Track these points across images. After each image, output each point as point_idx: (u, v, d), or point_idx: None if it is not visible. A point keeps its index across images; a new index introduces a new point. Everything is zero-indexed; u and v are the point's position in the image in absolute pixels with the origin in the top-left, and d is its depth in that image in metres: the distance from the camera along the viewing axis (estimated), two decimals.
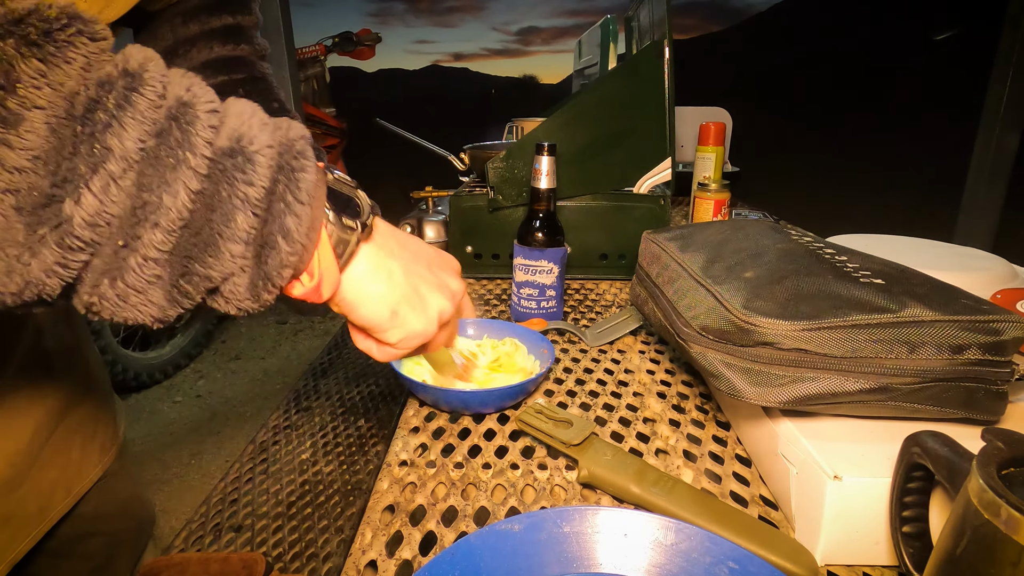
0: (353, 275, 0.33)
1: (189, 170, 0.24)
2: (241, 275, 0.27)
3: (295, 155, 0.28)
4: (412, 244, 0.39)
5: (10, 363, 0.52)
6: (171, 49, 0.58)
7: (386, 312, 0.35)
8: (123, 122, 0.22)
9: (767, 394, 0.39)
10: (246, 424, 2.25)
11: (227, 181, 0.25)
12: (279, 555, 0.41)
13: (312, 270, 0.30)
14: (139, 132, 0.23)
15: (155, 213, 0.24)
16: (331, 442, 0.54)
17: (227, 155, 0.26)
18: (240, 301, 0.28)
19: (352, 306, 0.34)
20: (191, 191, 0.24)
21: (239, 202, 0.25)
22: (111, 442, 0.64)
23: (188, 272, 0.25)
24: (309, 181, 0.28)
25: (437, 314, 0.38)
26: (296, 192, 0.27)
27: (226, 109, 0.27)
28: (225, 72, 0.60)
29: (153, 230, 0.24)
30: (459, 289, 0.41)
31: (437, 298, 0.38)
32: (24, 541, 0.53)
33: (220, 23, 0.58)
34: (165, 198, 0.24)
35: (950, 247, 0.76)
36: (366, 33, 3.52)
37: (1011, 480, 0.23)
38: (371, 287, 0.34)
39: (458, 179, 1.12)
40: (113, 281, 0.24)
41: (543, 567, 0.33)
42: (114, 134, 0.22)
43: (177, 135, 0.24)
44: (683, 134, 1.59)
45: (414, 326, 0.36)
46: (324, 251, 0.30)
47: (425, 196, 1.10)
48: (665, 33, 0.85)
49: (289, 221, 0.27)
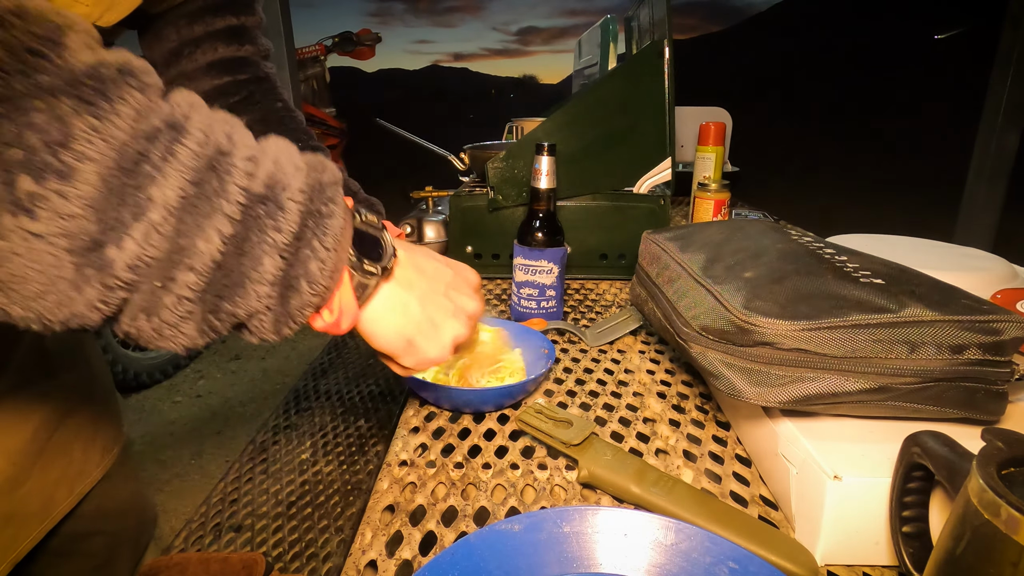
0: (371, 311, 0.35)
1: (223, 216, 0.26)
2: (266, 313, 0.29)
3: (325, 201, 0.30)
4: (430, 269, 0.40)
5: (12, 362, 0.52)
6: (176, 50, 0.59)
7: (402, 343, 0.37)
8: (166, 173, 0.24)
9: (767, 394, 0.39)
10: (246, 424, 2.25)
11: (258, 227, 0.27)
12: (279, 555, 0.41)
13: (332, 307, 0.32)
14: (180, 182, 0.25)
15: (190, 257, 0.25)
16: (331, 442, 0.54)
17: (260, 201, 0.27)
18: (264, 334, 0.30)
19: (370, 336, 0.37)
20: (224, 236, 0.26)
21: (268, 247, 0.27)
22: (113, 441, 0.65)
23: (217, 309, 0.27)
24: (336, 227, 0.30)
25: (451, 340, 0.40)
26: (322, 238, 0.29)
27: (263, 153, 0.28)
28: (230, 73, 0.61)
29: (187, 272, 0.25)
30: (475, 310, 0.42)
31: (452, 325, 0.40)
32: (27, 540, 0.54)
33: (224, 24, 0.59)
34: (199, 243, 0.25)
35: (950, 247, 0.76)
36: (366, 33, 3.52)
37: (1011, 480, 0.23)
38: (388, 321, 0.36)
39: (458, 179, 1.12)
40: (149, 317, 0.26)
41: (543, 567, 0.33)
42: (157, 185, 0.24)
43: (215, 184, 0.26)
44: (683, 134, 1.59)
45: (428, 354, 0.39)
46: (345, 291, 0.32)
47: (425, 196, 1.10)
48: (665, 33, 0.85)
49: (313, 266, 0.29)
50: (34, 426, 0.54)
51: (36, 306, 0.23)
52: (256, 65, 0.63)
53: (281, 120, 0.64)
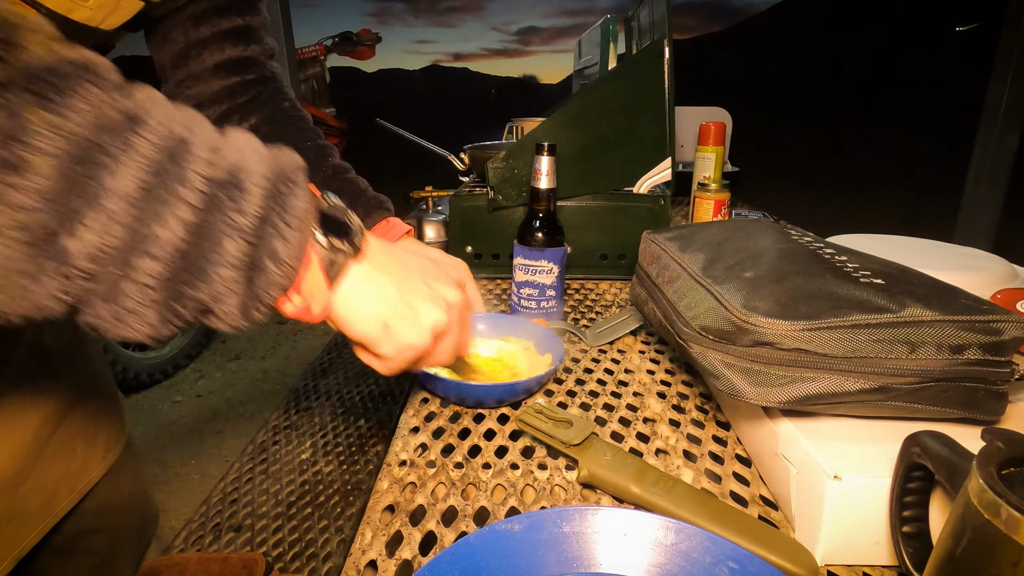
0: (343, 293, 0.34)
1: (183, 203, 0.26)
2: (232, 296, 0.28)
3: (286, 182, 0.30)
4: (406, 257, 0.40)
5: (12, 360, 0.52)
6: (183, 52, 0.59)
7: (377, 327, 0.36)
8: (123, 163, 0.24)
9: (767, 394, 0.39)
10: (246, 424, 2.25)
11: (219, 210, 0.27)
12: (279, 555, 0.41)
13: (301, 289, 0.32)
14: (137, 172, 0.25)
15: (149, 244, 0.25)
16: (331, 442, 0.54)
17: (220, 187, 0.27)
18: (231, 319, 0.29)
19: (344, 322, 0.35)
20: (185, 223, 0.26)
21: (229, 230, 0.27)
22: (115, 439, 0.65)
23: (180, 295, 0.27)
24: (299, 207, 0.30)
25: (431, 326, 0.38)
26: (285, 216, 0.29)
27: (226, 143, 0.29)
28: (237, 73, 0.61)
29: (147, 259, 0.26)
30: (456, 300, 0.41)
31: (430, 310, 0.39)
32: (29, 537, 0.54)
33: (230, 24, 0.59)
34: (157, 230, 0.25)
35: (950, 247, 0.76)
36: (366, 33, 3.52)
37: (1011, 480, 0.23)
38: (361, 303, 0.35)
39: (458, 179, 1.12)
40: (110, 305, 0.26)
41: (543, 567, 0.33)
42: (114, 175, 0.24)
43: (174, 172, 0.26)
44: (683, 134, 1.59)
45: (407, 339, 0.37)
46: (313, 272, 0.32)
47: (425, 196, 1.10)
48: (665, 33, 0.85)
49: (277, 244, 0.29)
50: (36, 424, 0.54)
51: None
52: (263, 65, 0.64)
53: (289, 119, 0.64)
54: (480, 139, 1.19)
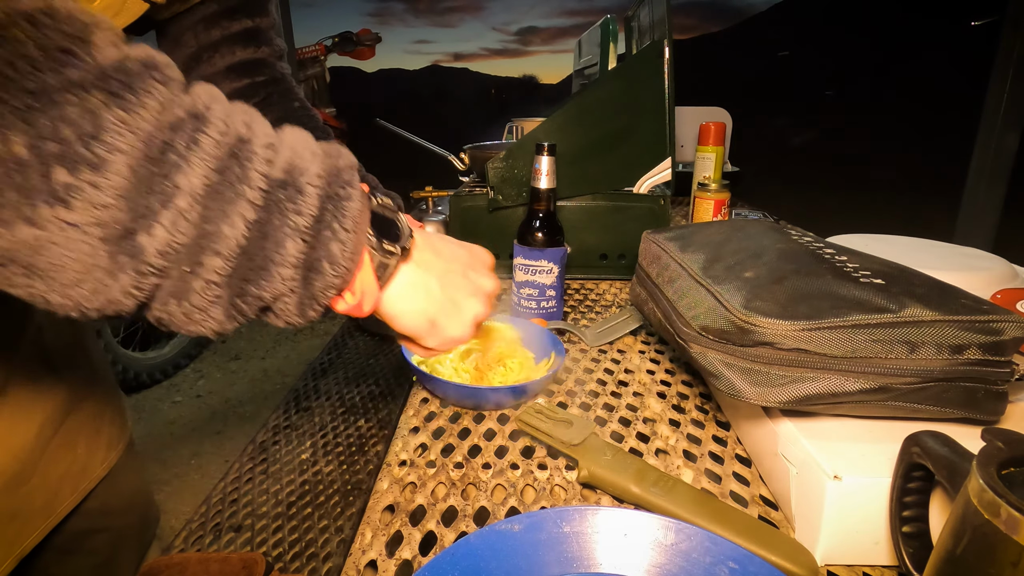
0: (392, 292, 0.36)
1: (246, 202, 0.27)
2: (290, 296, 0.29)
3: (342, 184, 0.30)
4: (447, 250, 0.41)
5: (13, 359, 0.52)
6: (195, 55, 0.60)
7: (424, 323, 0.38)
8: (190, 161, 0.25)
9: (767, 394, 0.39)
10: (246, 424, 2.25)
11: (279, 211, 0.28)
12: (279, 555, 0.41)
13: (354, 289, 0.32)
14: (204, 170, 0.25)
15: (216, 242, 0.26)
16: (331, 442, 0.54)
17: (280, 187, 0.28)
18: (289, 317, 0.30)
19: (393, 318, 0.37)
20: (247, 221, 0.27)
21: (290, 230, 0.28)
22: (118, 438, 0.65)
23: (244, 293, 0.28)
24: (354, 209, 0.30)
25: (472, 319, 0.40)
26: (342, 220, 0.30)
27: (281, 140, 0.29)
28: (248, 75, 0.62)
29: (214, 257, 0.26)
30: (493, 288, 0.43)
31: (472, 304, 0.40)
32: (31, 536, 0.54)
33: (240, 27, 0.60)
34: (224, 228, 0.26)
35: (950, 247, 0.76)
36: (366, 33, 3.52)
37: (1011, 480, 0.23)
38: (409, 302, 0.37)
39: (458, 179, 1.12)
40: (180, 301, 0.27)
41: (543, 567, 0.33)
42: (183, 173, 0.25)
43: (237, 171, 0.27)
44: (683, 134, 1.59)
45: (451, 333, 0.39)
46: (366, 273, 0.33)
47: (425, 196, 1.10)
48: (665, 33, 0.85)
49: (334, 247, 0.29)
50: (38, 423, 0.54)
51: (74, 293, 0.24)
52: (272, 66, 0.64)
53: (299, 120, 0.65)
54: (480, 139, 1.19)
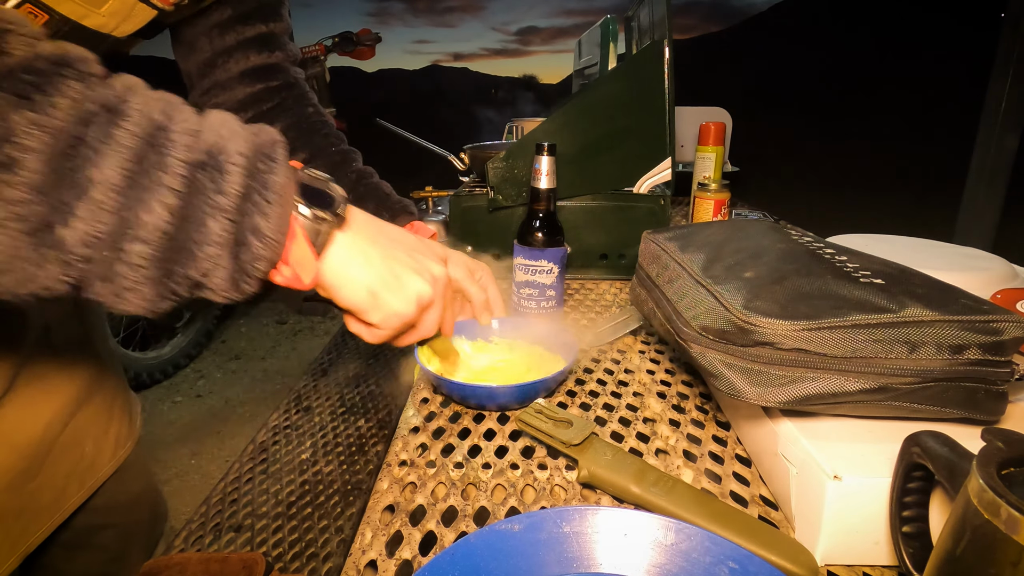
0: (331, 261, 0.36)
1: (165, 188, 0.27)
2: (220, 271, 0.30)
3: (264, 159, 0.31)
4: (393, 232, 0.41)
5: (18, 359, 0.53)
6: (210, 61, 0.60)
7: (364, 293, 0.37)
8: (104, 154, 0.26)
9: (767, 394, 0.39)
10: (246, 424, 2.24)
11: (200, 192, 0.29)
12: (279, 555, 0.41)
13: (288, 260, 0.33)
14: (119, 161, 0.26)
15: (136, 229, 0.27)
16: (331, 442, 0.54)
17: (200, 168, 0.29)
18: (223, 292, 0.31)
19: (334, 289, 0.37)
20: (168, 206, 0.28)
21: (211, 210, 0.29)
22: (126, 436, 0.65)
23: (172, 272, 0.29)
24: (277, 182, 0.31)
25: (416, 296, 0.40)
26: (264, 193, 0.30)
27: (203, 124, 0.30)
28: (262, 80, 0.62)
29: (136, 243, 0.27)
30: (440, 273, 0.42)
31: (416, 281, 0.40)
32: (37, 533, 0.54)
33: (254, 32, 0.60)
34: (143, 215, 0.27)
35: (950, 247, 0.76)
36: (366, 33, 3.51)
37: (1011, 480, 0.23)
38: (349, 271, 0.37)
39: (458, 179, 1.12)
40: (107, 283, 0.28)
41: (543, 567, 0.33)
42: (96, 166, 0.26)
43: (154, 158, 0.27)
44: (683, 134, 1.59)
45: (393, 306, 0.39)
46: (299, 243, 0.33)
47: (425, 196, 1.10)
48: (665, 33, 0.85)
49: (258, 220, 0.30)
50: (44, 421, 0.54)
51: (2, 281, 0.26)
52: (286, 71, 0.65)
53: (313, 125, 0.65)
54: (480, 139, 1.19)
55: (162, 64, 0.77)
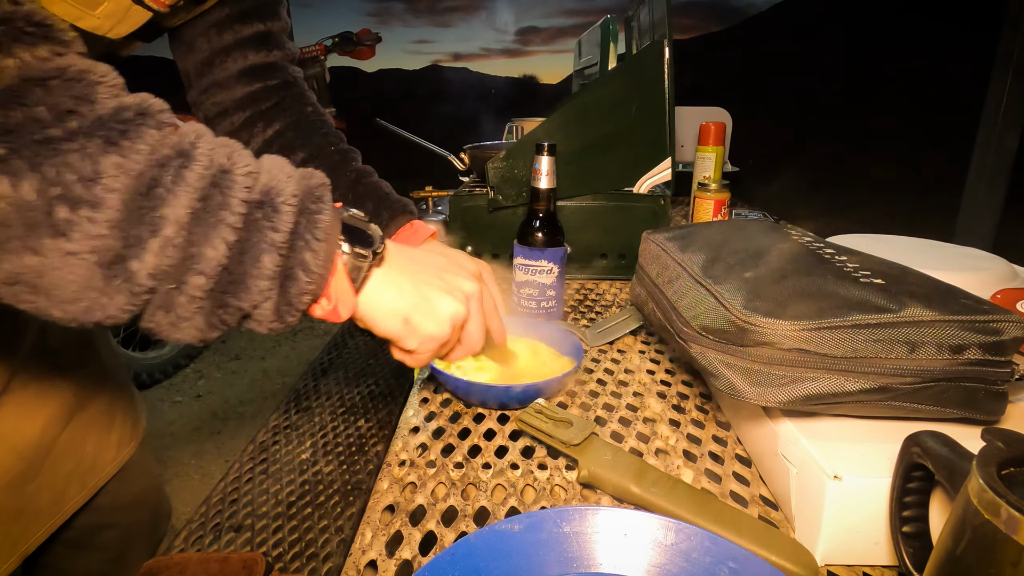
0: (367, 296, 0.37)
1: (227, 226, 0.30)
2: (268, 303, 0.32)
3: (314, 200, 0.33)
4: (422, 257, 0.42)
5: (14, 360, 0.52)
6: (208, 60, 0.60)
7: (398, 322, 0.39)
8: (176, 194, 0.28)
9: (767, 394, 0.39)
10: (246, 424, 2.25)
11: (257, 230, 0.31)
12: (279, 555, 0.41)
13: (329, 295, 0.35)
14: (188, 200, 0.29)
15: (199, 263, 0.29)
16: (331, 442, 0.54)
17: (258, 208, 0.31)
18: (269, 323, 0.33)
19: (370, 321, 0.38)
20: (228, 242, 0.30)
21: (266, 246, 0.31)
22: (130, 436, 0.65)
23: (225, 304, 0.31)
24: (325, 221, 0.33)
25: (449, 317, 0.40)
26: (314, 231, 0.33)
27: (260, 167, 0.33)
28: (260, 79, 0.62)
29: (198, 276, 0.29)
30: (472, 290, 0.43)
31: (447, 302, 0.40)
32: (37, 533, 0.54)
33: (252, 31, 0.61)
34: (207, 251, 0.29)
35: (950, 247, 0.76)
36: (366, 33, 3.51)
37: (1011, 480, 0.23)
38: (383, 303, 0.38)
39: (458, 179, 1.12)
40: (166, 313, 0.30)
41: (543, 567, 0.33)
42: (169, 205, 0.28)
43: (219, 199, 0.30)
44: (683, 134, 1.59)
45: (427, 330, 0.40)
46: (339, 278, 0.35)
47: (425, 196, 1.10)
48: (665, 33, 0.85)
49: (307, 256, 0.32)
50: (43, 422, 0.54)
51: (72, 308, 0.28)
52: (285, 70, 0.64)
53: (313, 124, 0.65)
54: (480, 139, 1.19)
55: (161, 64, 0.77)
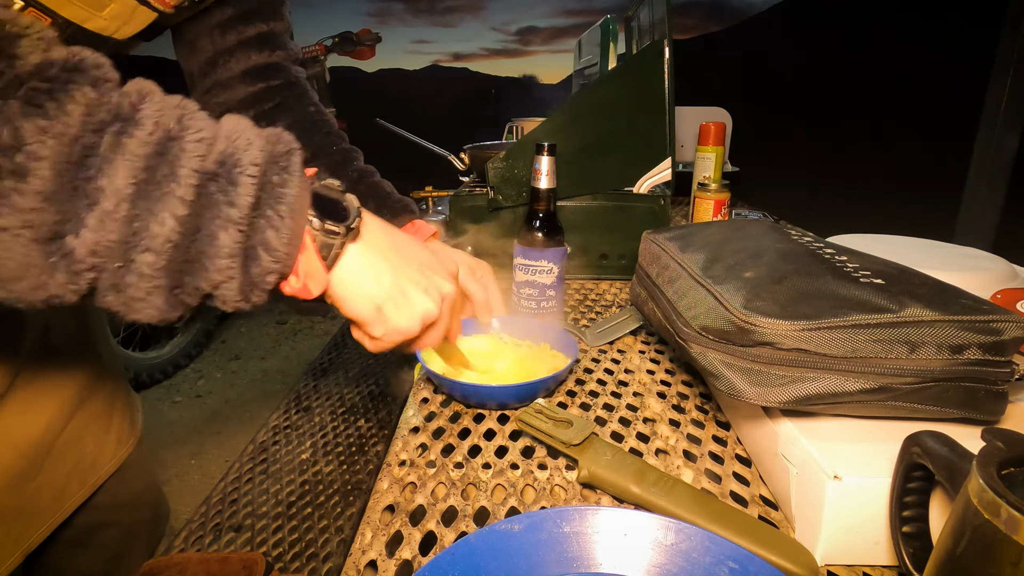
0: (341, 273, 0.35)
1: (175, 199, 0.27)
2: (230, 282, 0.30)
3: (278, 171, 0.30)
4: (406, 246, 0.41)
5: (17, 359, 0.53)
6: (211, 60, 0.60)
7: (371, 308, 0.37)
8: (115, 164, 0.26)
9: (767, 394, 0.39)
10: (246, 424, 2.25)
11: (212, 204, 0.28)
12: (279, 555, 0.41)
13: (298, 272, 0.32)
14: (129, 170, 0.26)
15: (146, 239, 0.27)
16: (331, 442, 0.54)
17: (211, 179, 0.28)
18: (233, 303, 0.31)
19: (341, 300, 0.37)
20: (178, 217, 0.27)
21: (222, 222, 0.28)
22: (128, 435, 0.65)
23: (182, 284, 0.29)
24: (290, 195, 0.30)
25: (421, 314, 0.40)
26: (277, 207, 0.30)
27: (216, 132, 0.29)
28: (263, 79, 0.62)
29: (145, 253, 0.27)
30: (449, 291, 0.42)
31: (423, 300, 0.40)
32: (38, 532, 0.54)
33: (255, 31, 0.61)
34: (153, 226, 0.27)
35: (950, 247, 0.76)
36: (366, 33, 3.51)
37: (1011, 480, 0.23)
38: (358, 285, 0.36)
39: (458, 179, 1.12)
40: (118, 292, 0.28)
41: (543, 567, 0.33)
42: (107, 176, 0.25)
43: (164, 169, 0.27)
44: (683, 134, 1.59)
45: (397, 323, 0.39)
46: (309, 255, 0.33)
47: (425, 196, 1.10)
48: (665, 33, 0.85)
49: (270, 234, 0.30)
50: (44, 421, 0.54)
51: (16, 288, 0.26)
52: (287, 70, 0.65)
53: (315, 123, 0.65)
54: (480, 139, 1.19)
55: (162, 64, 0.77)
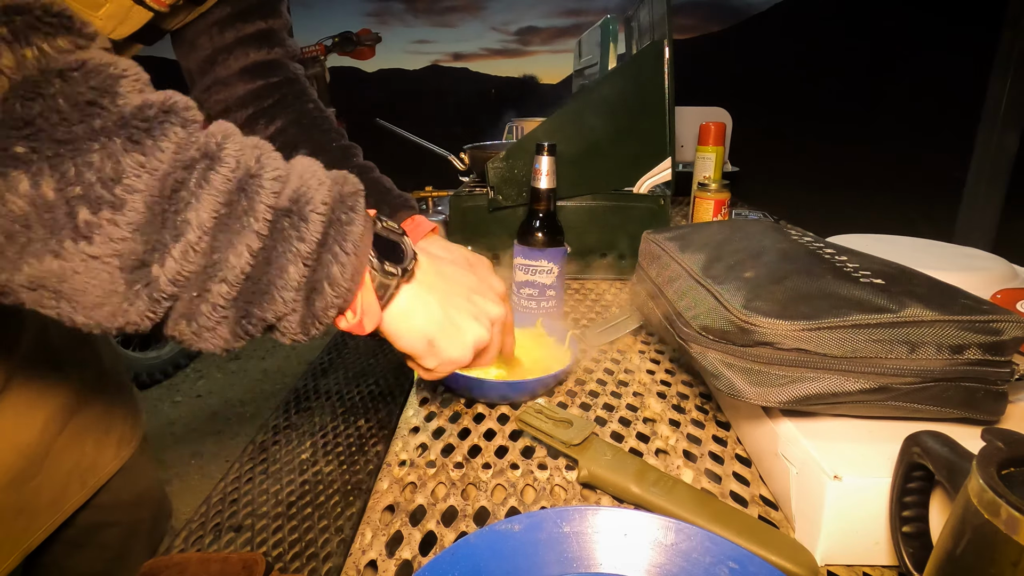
0: (393, 312, 0.37)
1: (252, 233, 0.29)
2: (293, 315, 0.31)
3: (346, 210, 0.32)
4: (453, 274, 0.41)
5: (15, 358, 0.53)
6: (210, 58, 0.60)
7: (423, 343, 0.38)
8: (201, 199, 0.27)
9: (767, 394, 0.39)
10: (246, 424, 2.25)
11: (283, 239, 0.30)
12: (279, 555, 0.41)
13: (356, 308, 0.34)
14: (213, 205, 0.28)
15: (223, 270, 0.28)
16: (331, 442, 0.54)
17: (285, 215, 0.30)
18: (293, 334, 0.32)
19: (394, 336, 0.38)
20: (252, 250, 0.29)
21: (292, 256, 0.30)
22: (130, 435, 0.66)
23: (249, 315, 0.30)
24: (356, 233, 0.32)
25: (473, 342, 0.40)
26: (343, 244, 0.31)
27: (290, 171, 0.31)
28: (262, 76, 0.62)
29: (220, 284, 0.28)
30: (498, 315, 0.43)
31: (474, 327, 0.40)
32: (38, 531, 0.55)
33: (253, 28, 0.61)
34: (231, 258, 0.28)
35: (950, 247, 0.76)
36: (366, 33, 3.51)
37: (1011, 480, 0.23)
38: (410, 321, 0.37)
39: (458, 179, 1.12)
40: (189, 322, 0.29)
41: (543, 567, 0.33)
42: (193, 209, 0.27)
43: (244, 204, 0.29)
44: (683, 134, 1.59)
45: (450, 354, 0.39)
46: (367, 293, 0.34)
47: (425, 196, 1.10)
48: (665, 33, 0.85)
49: (335, 270, 0.31)
50: (43, 420, 0.54)
51: (96, 314, 0.27)
52: (286, 67, 0.65)
53: (314, 120, 0.65)
54: (480, 139, 1.19)
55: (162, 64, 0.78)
